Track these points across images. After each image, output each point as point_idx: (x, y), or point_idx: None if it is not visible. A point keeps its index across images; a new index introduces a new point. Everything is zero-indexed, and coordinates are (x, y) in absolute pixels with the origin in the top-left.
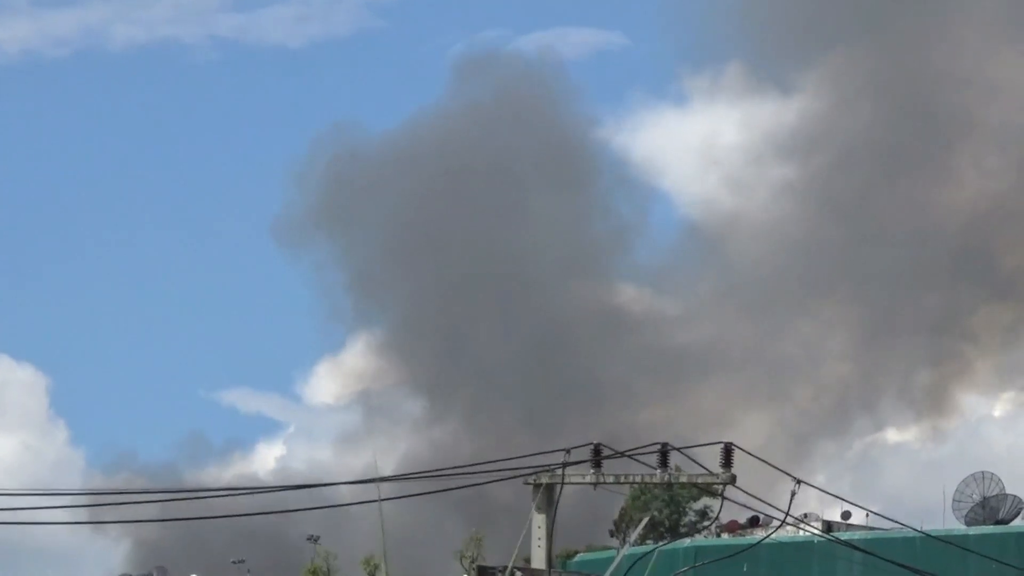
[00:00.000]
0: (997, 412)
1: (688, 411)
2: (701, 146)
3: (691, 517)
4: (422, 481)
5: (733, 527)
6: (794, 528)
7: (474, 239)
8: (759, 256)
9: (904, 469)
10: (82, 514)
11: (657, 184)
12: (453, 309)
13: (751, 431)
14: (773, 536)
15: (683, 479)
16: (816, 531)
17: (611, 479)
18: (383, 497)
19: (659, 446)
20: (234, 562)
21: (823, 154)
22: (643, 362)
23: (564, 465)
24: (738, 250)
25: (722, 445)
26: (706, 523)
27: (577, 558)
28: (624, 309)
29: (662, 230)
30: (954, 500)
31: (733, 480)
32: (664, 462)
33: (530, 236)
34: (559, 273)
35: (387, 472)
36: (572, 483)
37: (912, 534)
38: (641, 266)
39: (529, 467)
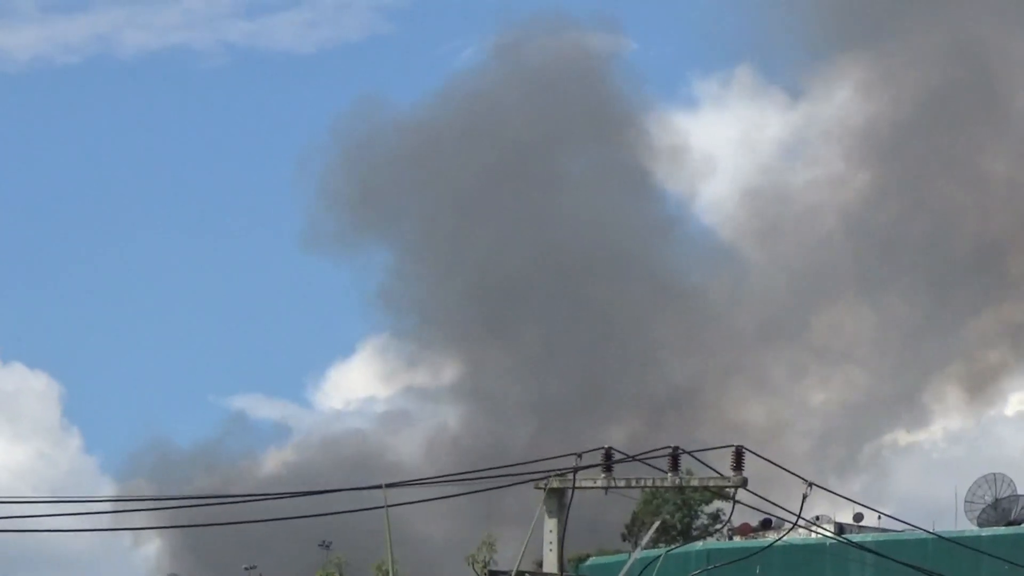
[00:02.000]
0: (1009, 412)
1: (706, 413)
2: (741, 140)
3: (703, 520)
4: (434, 485)
5: (745, 530)
6: (806, 531)
7: (509, 231)
8: (765, 261)
9: (916, 471)
10: (100, 521)
11: (699, 176)
12: (481, 306)
13: (763, 432)
14: (785, 539)
15: (694, 483)
16: (828, 533)
17: (622, 483)
18: (388, 503)
19: (670, 450)
20: (247, 568)
21: (863, 145)
22: (668, 355)
23: (575, 469)
24: (753, 255)
25: (733, 448)
26: (718, 526)
27: (589, 562)
28: (647, 302)
29: (697, 225)
30: (966, 502)
31: (744, 483)
32: (675, 466)
33: (565, 230)
34: (595, 266)
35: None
36: (583, 487)
37: (924, 536)
38: (670, 261)
39: (540, 471)
